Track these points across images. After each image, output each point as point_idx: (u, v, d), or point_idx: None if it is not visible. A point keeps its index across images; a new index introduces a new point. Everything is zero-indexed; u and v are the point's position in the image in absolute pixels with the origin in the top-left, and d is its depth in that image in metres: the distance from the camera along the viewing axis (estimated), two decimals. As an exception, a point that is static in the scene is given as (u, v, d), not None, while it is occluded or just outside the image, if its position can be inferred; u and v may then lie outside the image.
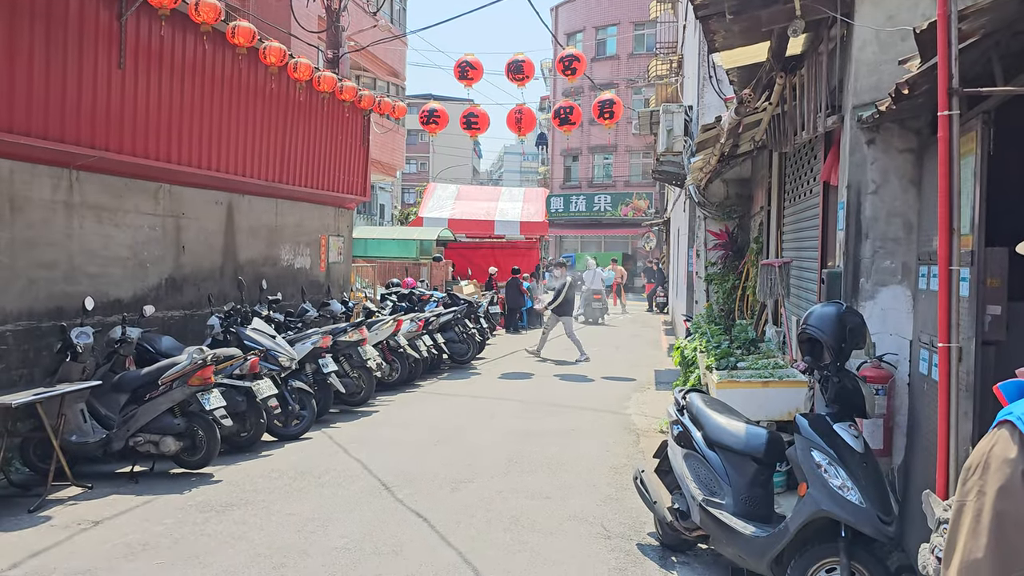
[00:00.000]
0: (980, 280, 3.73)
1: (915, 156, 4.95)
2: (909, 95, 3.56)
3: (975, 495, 1.40)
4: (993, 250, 3.76)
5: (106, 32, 8.35)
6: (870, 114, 4.58)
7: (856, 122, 5.01)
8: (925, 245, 4.78)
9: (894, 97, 3.76)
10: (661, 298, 27.52)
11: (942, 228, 3.12)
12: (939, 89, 2.95)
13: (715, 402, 5.37)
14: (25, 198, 7.78)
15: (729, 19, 5.69)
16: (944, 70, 2.96)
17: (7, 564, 5.08)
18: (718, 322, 10.61)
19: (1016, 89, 3.06)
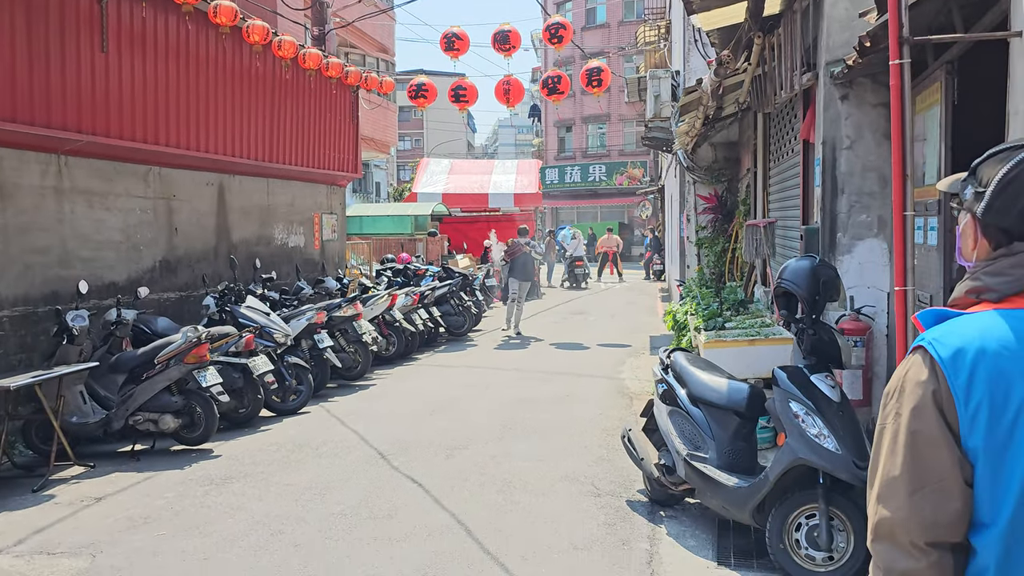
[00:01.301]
0: (948, 229, 3.80)
1: (888, 110, 4.99)
2: (872, 48, 3.62)
3: (892, 417, 1.49)
4: (959, 198, 3.83)
5: (87, 16, 8.37)
6: (840, 69, 4.63)
7: (829, 78, 5.06)
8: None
9: (859, 51, 3.82)
10: (658, 266, 27.55)
11: (896, 174, 3.19)
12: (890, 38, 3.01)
13: (699, 360, 5.47)
14: (15, 184, 7.84)
15: (704, -20, 5.72)
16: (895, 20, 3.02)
17: (13, 541, 5.21)
18: (709, 285, 10.70)
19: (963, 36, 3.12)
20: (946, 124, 3.69)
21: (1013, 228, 1.50)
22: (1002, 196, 1.51)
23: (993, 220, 1.53)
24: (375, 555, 4.76)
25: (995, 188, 1.52)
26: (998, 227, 1.52)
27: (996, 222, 1.52)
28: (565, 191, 40.38)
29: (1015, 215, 1.49)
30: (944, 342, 1.45)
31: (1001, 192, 1.51)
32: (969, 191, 1.60)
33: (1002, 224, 1.52)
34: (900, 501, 1.44)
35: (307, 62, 11.23)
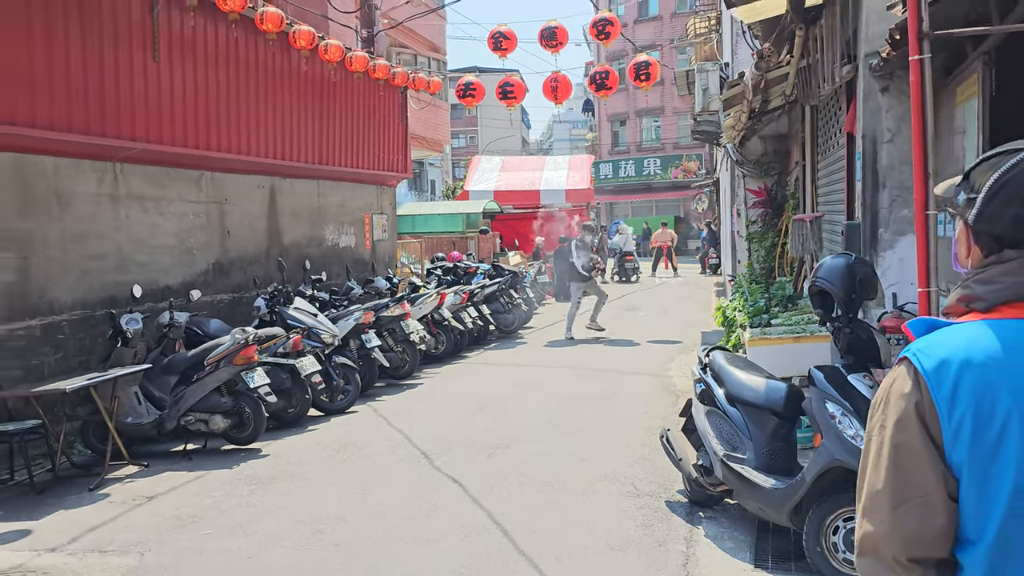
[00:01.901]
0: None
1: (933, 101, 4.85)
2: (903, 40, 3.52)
3: (877, 430, 1.46)
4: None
5: (139, 26, 8.60)
6: (876, 61, 4.51)
7: (868, 70, 4.93)
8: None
9: (890, 43, 3.71)
10: (713, 260, 27.22)
11: (917, 172, 3.10)
12: (909, 34, 2.92)
13: (737, 359, 5.40)
14: (72, 193, 8.11)
15: (741, -28, 5.62)
16: (914, 14, 2.93)
17: (68, 539, 5.41)
18: (759, 281, 10.55)
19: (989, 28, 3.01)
20: (984, 117, 3.57)
21: (1004, 235, 1.45)
22: (993, 202, 1.46)
23: (984, 227, 1.48)
24: (412, 555, 4.81)
25: (986, 194, 1.47)
26: (989, 234, 1.48)
27: (987, 229, 1.48)
28: (619, 186, 40.15)
29: (1006, 222, 1.44)
30: (928, 353, 1.41)
31: (992, 198, 1.46)
32: (962, 197, 1.55)
33: (993, 231, 1.47)
34: (883, 515, 1.41)
35: (354, 65, 11.37)
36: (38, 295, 7.72)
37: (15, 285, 7.50)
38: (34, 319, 7.68)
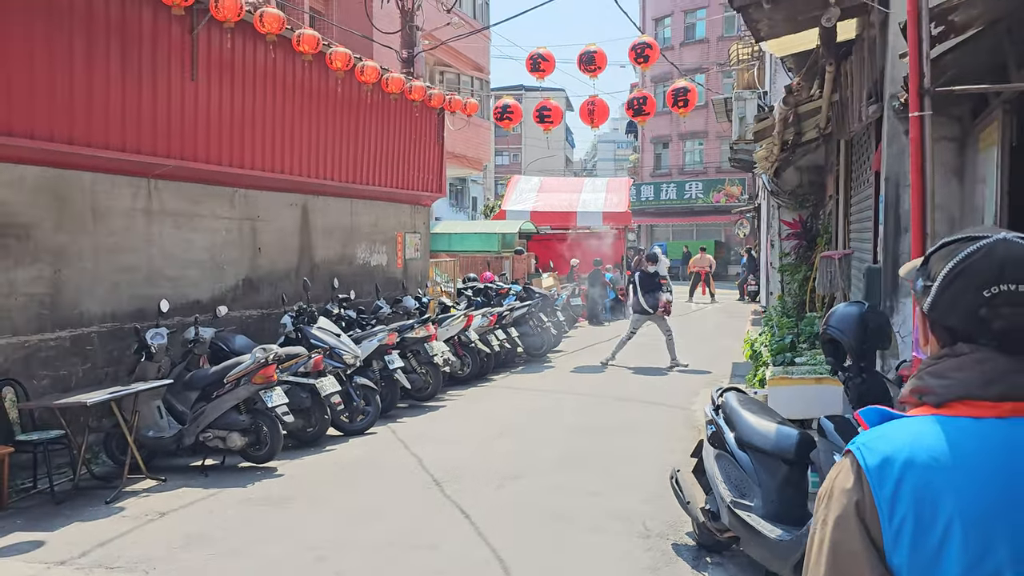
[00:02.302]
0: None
1: (957, 145, 4.74)
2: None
3: (820, 524, 1.40)
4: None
5: (178, 46, 8.78)
6: (899, 104, 4.41)
7: (892, 111, 4.83)
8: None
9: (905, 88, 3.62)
10: (752, 287, 26.87)
11: (915, 231, 3.00)
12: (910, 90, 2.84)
13: (750, 401, 5.29)
14: (107, 207, 8.28)
15: (768, 8, 5.56)
16: (915, 70, 2.85)
17: (78, 552, 5.48)
18: (790, 314, 10.37)
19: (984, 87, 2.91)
20: (1003, 166, 3.46)
21: (957, 328, 1.39)
22: (946, 293, 1.40)
23: (938, 317, 1.42)
24: (411, 588, 4.78)
25: (940, 284, 1.41)
26: (943, 325, 1.42)
27: (941, 320, 1.42)
28: (661, 208, 39.93)
29: (959, 314, 1.38)
30: (872, 448, 1.35)
31: (945, 289, 1.40)
32: (920, 283, 1.49)
33: (946, 323, 1.41)
34: (821, 613, 1.35)
35: (390, 86, 11.47)
36: (70, 307, 7.88)
37: (48, 297, 7.66)
38: (64, 330, 7.83)
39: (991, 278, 1.36)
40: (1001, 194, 3.48)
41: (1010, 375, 1.33)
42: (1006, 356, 1.34)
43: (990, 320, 1.35)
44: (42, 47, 7.28)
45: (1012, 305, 1.34)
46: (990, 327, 1.35)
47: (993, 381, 1.33)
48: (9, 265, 7.30)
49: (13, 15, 7.02)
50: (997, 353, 1.35)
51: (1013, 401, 1.32)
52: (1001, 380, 1.33)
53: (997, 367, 1.34)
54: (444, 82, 25.73)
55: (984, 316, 1.35)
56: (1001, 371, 1.33)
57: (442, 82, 25.48)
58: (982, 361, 1.35)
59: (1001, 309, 1.34)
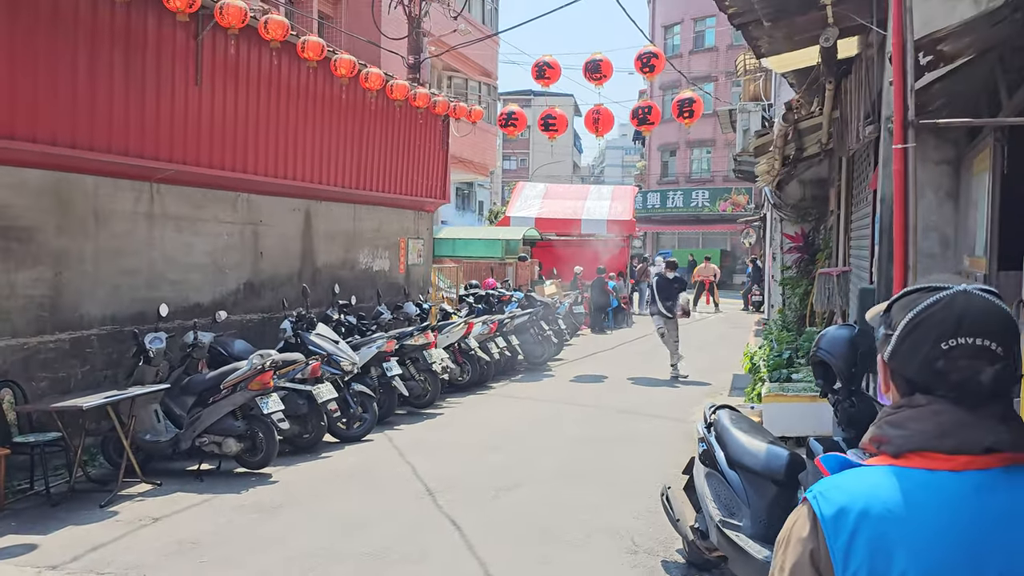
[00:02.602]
0: (993, 306, 3.54)
1: (952, 168, 4.73)
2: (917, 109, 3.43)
3: (777, 571, 1.41)
4: (1007, 274, 3.58)
5: (183, 51, 8.82)
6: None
7: (888, 132, 4.82)
8: (962, 262, 4.57)
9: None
10: (757, 297, 26.83)
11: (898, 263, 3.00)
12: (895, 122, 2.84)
13: (742, 420, 5.27)
14: (109, 211, 8.32)
15: (768, 26, 5.57)
16: (899, 102, 2.85)
17: (70, 557, 5.50)
18: (790, 328, 10.35)
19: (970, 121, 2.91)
20: (993, 192, 3.46)
21: (915, 379, 1.40)
22: (906, 343, 1.40)
23: (897, 367, 1.43)
24: (398, 600, 4.79)
25: (899, 334, 1.42)
26: (902, 375, 1.42)
27: (900, 369, 1.42)
28: (667, 216, 39.90)
29: (917, 365, 1.39)
30: (829, 498, 1.36)
31: (905, 339, 1.41)
32: (881, 331, 1.50)
33: (905, 373, 1.41)
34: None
35: (394, 93, 11.50)
36: (70, 310, 7.92)
37: (48, 299, 7.70)
38: (64, 333, 7.87)
39: (949, 331, 1.36)
40: (991, 219, 3.47)
41: (965, 429, 1.33)
42: (962, 409, 1.34)
43: (947, 372, 1.36)
44: (46, 52, 7.32)
45: (968, 358, 1.35)
46: (947, 379, 1.36)
47: (948, 434, 1.33)
48: (10, 267, 7.34)
49: (18, 20, 7.07)
50: (953, 406, 1.35)
51: (967, 455, 1.32)
52: (956, 433, 1.33)
53: (952, 420, 1.34)
54: (452, 87, 25.78)
55: (941, 368, 1.36)
56: (956, 424, 1.34)
57: (450, 87, 25.53)
58: (938, 413, 1.35)
59: (958, 362, 1.35)
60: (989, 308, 1.37)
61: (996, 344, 1.35)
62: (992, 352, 1.35)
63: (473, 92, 26.58)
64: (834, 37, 4.99)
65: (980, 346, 1.35)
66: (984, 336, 1.35)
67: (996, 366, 1.34)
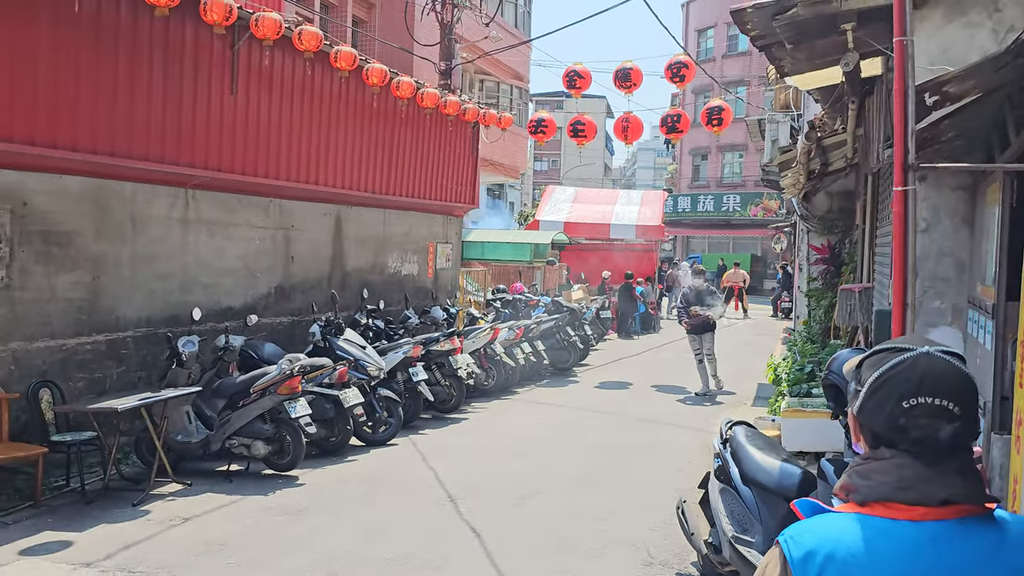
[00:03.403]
0: (1001, 335, 3.61)
1: (968, 194, 4.78)
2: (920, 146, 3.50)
3: (754, 611, 1.52)
4: (1013, 304, 3.64)
5: (219, 62, 9.05)
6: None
7: (906, 158, 4.88)
8: (975, 288, 4.62)
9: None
10: (786, 303, 26.67)
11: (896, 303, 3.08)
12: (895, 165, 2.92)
13: (758, 437, 5.35)
14: (146, 216, 8.58)
15: (790, 48, 5.64)
16: (900, 145, 2.93)
17: (103, 555, 5.72)
18: (815, 340, 10.36)
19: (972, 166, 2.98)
20: (1003, 226, 3.52)
21: (880, 433, 1.51)
22: (872, 400, 1.52)
23: (864, 421, 1.54)
24: (417, 606, 4.93)
25: (866, 391, 1.53)
26: (869, 429, 1.53)
27: (867, 424, 1.53)
28: (697, 220, 39.75)
29: (882, 421, 1.50)
30: (798, 542, 1.47)
31: (871, 396, 1.52)
32: (852, 387, 1.61)
33: (871, 427, 1.52)
34: None
35: (425, 101, 11.67)
36: (107, 312, 8.18)
37: (86, 302, 7.96)
38: (101, 335, 8.13)
39: (911, 390, 1.47)
40: (1000, 250, 3.54)
41: (924, 482, 1.44)
42: (922, 464, 1.45)
43: (908, 429, 1.47)
44: (88, 63, 7.58)
45: (928, 417, 1.46)
46: (908, 435, 1.47)
47: (909, 486, 1.44)
48: (51, 271, 7.60)
49: (60, 33, 7.32)
50: (914, 460, 1.46)
51: (925, 506, 1.43)
52: (916, 486, 1.44)
53: (913, 474, 1.45)
54: (484, 90, 25.93)
55: (903, 425, 1.47)
56: (917, 478, 1.44)
57: (481, 90, 25.69)
58: (900, 467, 1.46)
59: (918, 420, 1.46)
60: (949, 370, 1.48)
61: (954, 404, 1.46)
62: (950, 412, 1.45)
63: (505, 95, 26.71)
64: (854, 62, 5.05)
65: (939, 406, 1.46)
66: (943, 396, 1.46)
67: (954, 424, 1.45)
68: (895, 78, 2.91)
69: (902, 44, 2.89)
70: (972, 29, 4.73)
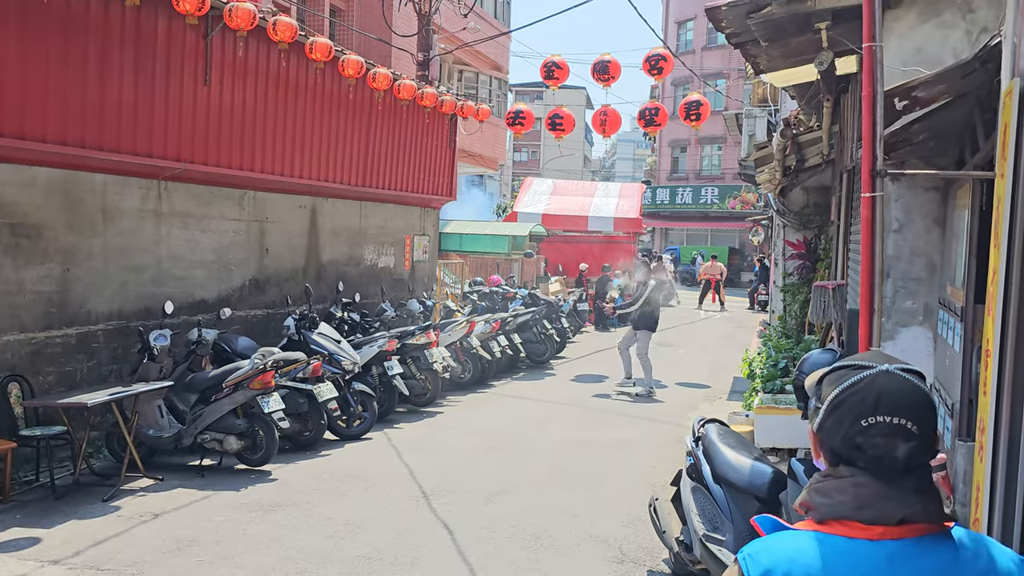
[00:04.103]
0: (969, 337, 3.64)
1: (940, 195, 4.80)
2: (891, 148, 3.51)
3: (709, 625, 1.52)
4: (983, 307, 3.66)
5: (192, 52, 8.93)
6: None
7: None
8: (945, 289, 4.65)
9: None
10: (763, 296, 26.83)
11: (864, 307, 3.09)
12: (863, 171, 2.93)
13: (730, 435, 5.37)
14: (117, 208, 8.47)
15: (765, 45, 5.64)
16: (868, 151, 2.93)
17: (72, 551, 5.65)
18: (790, 335, 10.42)
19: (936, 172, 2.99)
20: (972, 229, 3.54)
21: (839, 451, 1.50)
22: (831, 418, 1.51)
23: (824, 439, 1.53)
24: (388, 604, 4.91)
25: (825, 409, 1.52)
26: (828, 446, 1.52)
27: (826, 441, 1.53)
28: (676, 212, 39.88)
29: (839, 439, 1.49)
30: (756, 560, 1.47)
31: (830, 414, 1.51)
32: (812, 404, 1.60)
33: (830, 445, 1.52)
34: None
35: (402, 92, 11.59)
36: (77, 305, 8.07)
37: (56, 295, 7.85)
38: (71, 328, 8.02)
39: (868, 409, 1.47)
40: (969, 254, 3.56)
41: (881, 501, 1.43)
42: (880, 482, 1.45)
43: (866, 448, 1.46)
44: (57, 53, 7.45)
45: (885, 436, 1.45)
46: (866, 454, 1.46)
47: (866, 505, 1.44)
48: (19, 264, 7.49)
49: (29, 22, 7.19)
50: (871, 479, 1.45)
51: (883, 525, 1.42)
52: (873, 505, 1.44)
53: (871, 492, 1.44)
54: (463, 81, 25.81)
55: (861, 444, 1.47)
56: (874, 496, 1.44)
57: (460, 81, 25.57)
58: (858, 485, 1.46)
59: (875, 439, 1.46)
60: (906, 389, 1.48)
61: (911, 423, 1.45)
62: (907, 430, 1.45)
63: (484, 86, 26.61)
64: (828, 61, 5.06)
65: (896, 424, 1.45)
66: (900, 415, 1.46)
67: (911, 443, 1.45)
68: (863, 83, 2.92)
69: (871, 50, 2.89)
70: (946, 30, 4.75)
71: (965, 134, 3.76)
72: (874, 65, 2.88)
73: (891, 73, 4.98)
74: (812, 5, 4.79)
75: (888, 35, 5.00)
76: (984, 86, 2.98)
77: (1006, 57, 2.22)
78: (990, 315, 2.37)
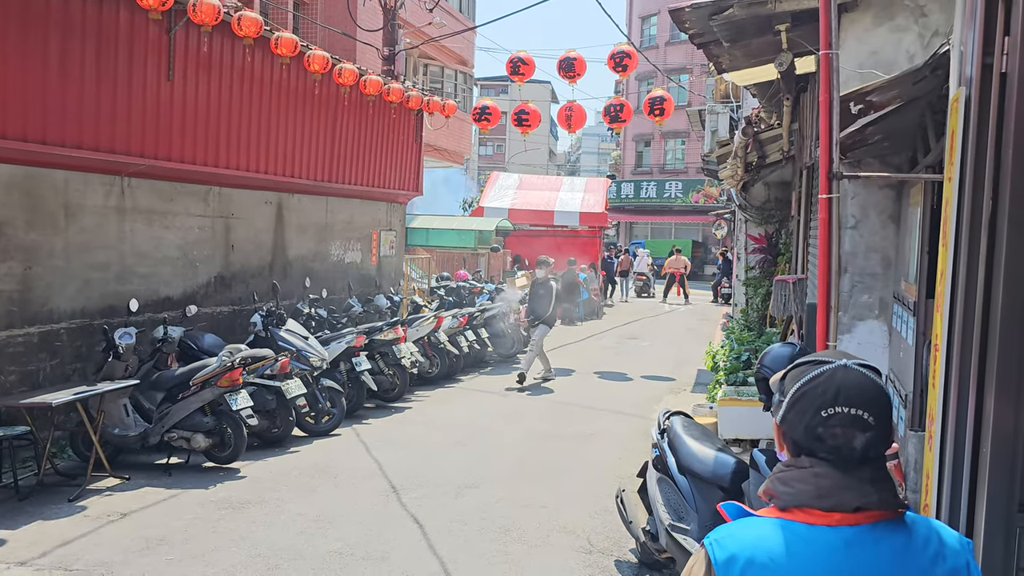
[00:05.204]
0: (921, 331, 3.78)
1: (895, 192, 4.96)
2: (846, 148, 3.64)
3: (678, 611, 1.61)
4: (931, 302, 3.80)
5: (155, 47, 8.84)
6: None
7: (836, 157, 5.03)
8: (899, 284, 4.80)
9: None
10: (726, 289, 27.18)
11: (821, 304, 3.21)
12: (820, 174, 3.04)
13: (694, 427, 5.49)
14: (79, 205, 8.37)
15: (727, 46, 5.75)
16: (825, 154, 3.05)
17: (39, 552, 5.62)
18: (753, 328, 10.61)
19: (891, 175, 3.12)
20: (923, 227, 3.68)
21: (800, 442, 1.59)
22: (793, 410, 1.60)
23: (786, 431, 1.63)
24: (360, 598, 4.96)
25: (788, 401, 1.62)
26: (790, 438, 1.62)
27: (788, 433, 1.62)
28: (640, 206, 40.18)
29: (801, 431, 1.58)
30: (722, 545, 1.56)
31: (792, 406, 1.60)
32: (776, 397, 1.69)
33: (792, 436, 1.61)
34: None
35: (368, 88, 11.57)
36: (39, 304, 7.98)
37: (18, 293, 7.75)
38: (33, 326, 7.93)
39: (828, 401, 1.56)
40: (922, 252, 3.69)
41: (839, 490, 1.53)
42: (838, 472, 1.54)
43: (825, 438, 1.56)
44: (16, 47, 7.35)
45: (843, 426, 1.55)
46: (825, 444, 1.56)
47: (825, 494, 1.53)
48: (-21, 262, 7.38)
49: (-11, 16, 7.08)
50: (831, 468, 1.55)
51: (840, 512, 1.52)
52: (831, 494, 1.53)
53: (830, 482, 1.54)
54: (428, 75, 25.76)
55: (821, 434, 1.56)
56: (833, 485, 1.54)
57: (426, 75, 25.51)
58: (818, 475, 1.55)
59: (834, 429, 1.55)
60: (863, 382, 1.58)
61: (868, 414, 1.55)
62: (864, 421, 1.55)
63: (449, 80, 26.58)
64: (787, 62, 5.19)
65: (854, 415, 1.55)
66: (858, 406, 1.55)
67: (868, 434, 1.55)
68: (820, 90, 3.03)
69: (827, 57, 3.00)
70: (900, 33, 4.90)
71: (918, 135, 3.90)
72: (831, 72, 2.99)
73: (849, 75, 5.13)
74: (772, 8, 4.91)
75: (845, 37, 5.14)
76: (934, 91, 3.11)
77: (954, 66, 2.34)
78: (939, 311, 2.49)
